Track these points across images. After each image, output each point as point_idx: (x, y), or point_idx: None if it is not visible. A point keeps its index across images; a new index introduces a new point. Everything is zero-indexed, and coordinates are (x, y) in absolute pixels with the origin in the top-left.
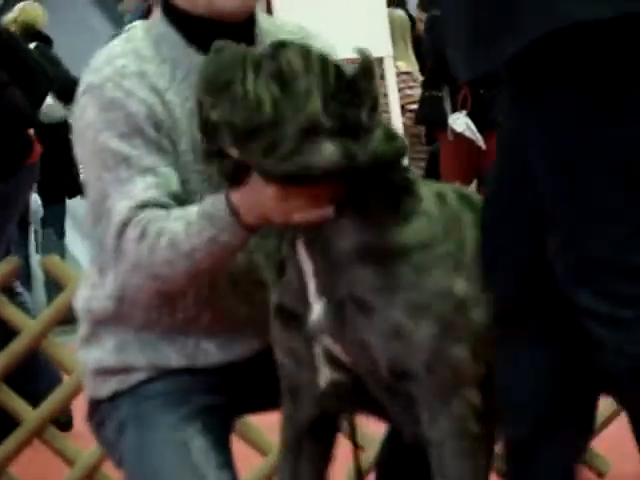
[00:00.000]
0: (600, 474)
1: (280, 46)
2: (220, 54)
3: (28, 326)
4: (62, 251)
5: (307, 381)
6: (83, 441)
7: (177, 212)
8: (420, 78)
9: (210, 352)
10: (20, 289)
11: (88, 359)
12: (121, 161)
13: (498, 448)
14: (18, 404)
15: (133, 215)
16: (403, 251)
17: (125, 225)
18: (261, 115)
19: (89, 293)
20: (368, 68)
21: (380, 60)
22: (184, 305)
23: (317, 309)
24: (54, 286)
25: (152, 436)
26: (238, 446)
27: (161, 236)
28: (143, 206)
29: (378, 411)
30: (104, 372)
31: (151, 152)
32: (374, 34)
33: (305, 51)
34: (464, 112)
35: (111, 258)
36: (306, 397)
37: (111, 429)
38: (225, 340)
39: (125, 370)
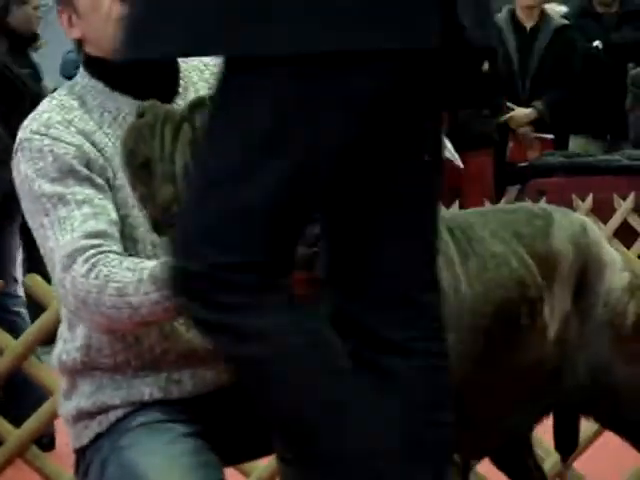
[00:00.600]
0: None
1: (196, 106)
2: (141, 121)
3: (10, 346)
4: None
5: None
6: (65, 460)
7: (129, 263)
8: None
9: (183, 382)
10: (18, 308)
11: (69, 409)
12: (57, 202)
13: None
14: (0, 423)
15: (78, 247)
16: None
17: (71, 258)
18: (175, 200)
19: (61, 348)
20: None
21: None
22: (149, 345)
23: None
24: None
25: (134, 461)
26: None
27: (110, 282)
28: (86, 235)
29: None
30: (84, 417)
31: (84, 187)
32: None
33: None
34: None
35: (59, 293)
36: None
37: (94, 472)
38: (196, 370)
39: (103, 410)
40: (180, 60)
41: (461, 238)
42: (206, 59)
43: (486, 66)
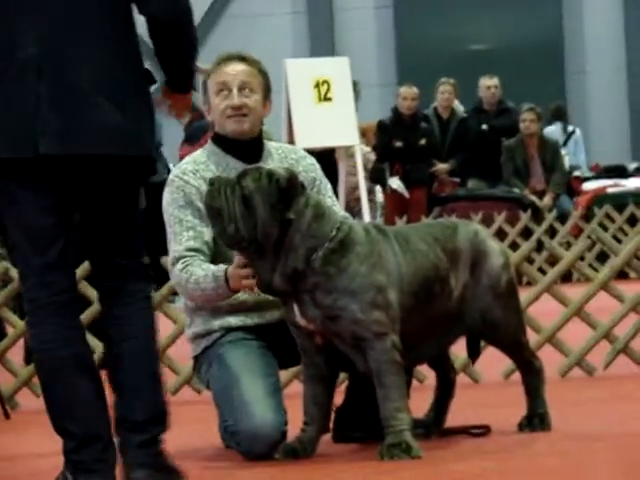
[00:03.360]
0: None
1: (242, 175)
2: (212, 185)
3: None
4: None
5: (308, 346)
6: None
7: (205, 265)
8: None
9: (254, 317)
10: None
11: (189, 333)
12: (177, 222)
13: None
14: None
15: (180, 255)
16: (343, 265)
17: (176, 259)
18: (237, 233)
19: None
20: (293, 180)
21: (351, 146)
22: (234, 298)
23: (301, 320)
24: None
25: (227, 361)
26: None
27: (192, 275)
28: (187, 249)
29: (344, 361)
30: (198, 337)
31: (195, 217)
32: (349, 130)
33: (257, 175)
34: (397, 177)
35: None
36: (309, 353)
37: (204, 368)
38: (262, 312)
39: (208, 333)
40: (268, 142)
41: (401, 241)
42: (293, 153)
43: (424, 141)
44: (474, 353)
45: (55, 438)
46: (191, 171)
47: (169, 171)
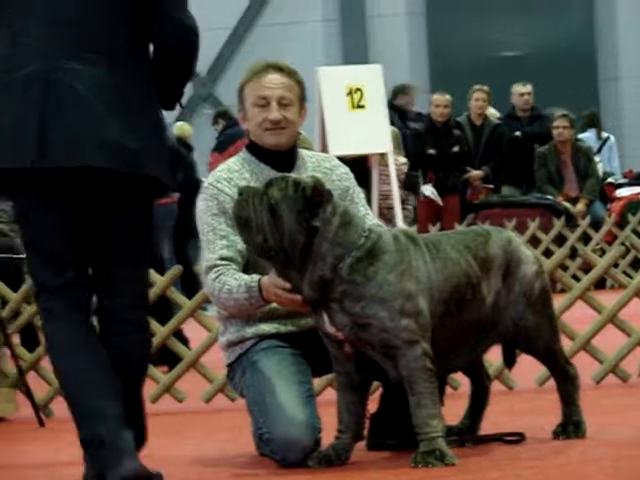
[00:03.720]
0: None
1: (269, 184)
2: (241, 195)
3: (186, 304)
4: None
5: (339, 354)
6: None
7: (238, 275)
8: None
9: (287, 324)
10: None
11: (223, 341)
12: (211, 230)
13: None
14: (178, 346)
15: (213, 264)
16: (371, 273)
17: (209, 268)
18: (265, 243)
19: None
20: (319, 188)
21: (384, 154)
22: (270, 304)
23: (330, 328)
24: None
25: (261, 369)
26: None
27: (225, 285)
28: (220, 258)
29: (375, 369)
30: (232, 345)
31: (228, 225)
32: (382, 138)
33: (284, 184)
34: (430, 184)
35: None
36: (340, 361)
37: (238, 376)
38: (294, 319)
39: (242, 341)
40: (302, 151)
41: (431, 248)
42: (327, 162)
43: (456, 148)
44: (510, 360)
45: None
46: (225, 179)
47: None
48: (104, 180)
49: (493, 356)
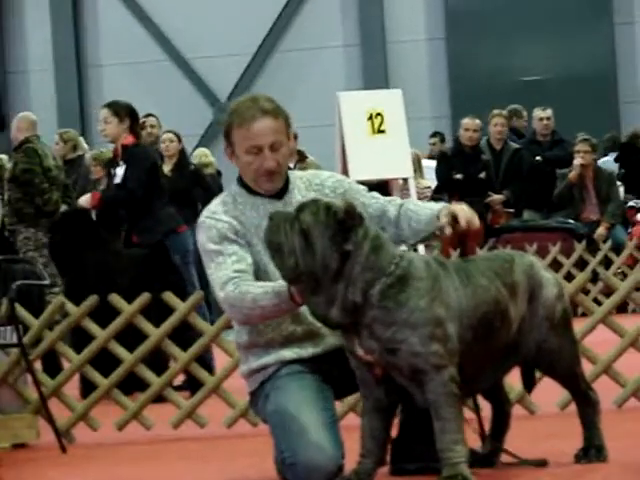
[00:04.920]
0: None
1: (300, 208)
2: (272, 221)
3: (208, 330)
4: None
5: (367, 377)
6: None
7: (260, 283)
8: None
9: (308, 348)
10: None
11: (244, 369)
12: (218, 254)
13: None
14: (202, 373)
15: (228, 278)
16: (402, 299)
17: (225, 283)
18: (297, 267)
19: (235, 335)
20: (351, 211)
21: (406, 179)
22: (285, 328)
23: (360, 350)
24: None
25: (285, 394)
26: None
27: (247, 294)
28: (234, 271)
29: (401, 393)
30: (253, 373)
31: (233, 245)
32: (403, 163)
33: (315, 208)
34: None
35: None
36: (368, 385)
37: (261, 402)
38: (315, 340)
39: (263, 368)
40: (291, 173)
41: (462, 275)
42: (317, 178)
43: (483, 174)
44: (530, 384)
45: (110, 472)
46: (221, 211)
47: None
48: None
49: (514, 380)
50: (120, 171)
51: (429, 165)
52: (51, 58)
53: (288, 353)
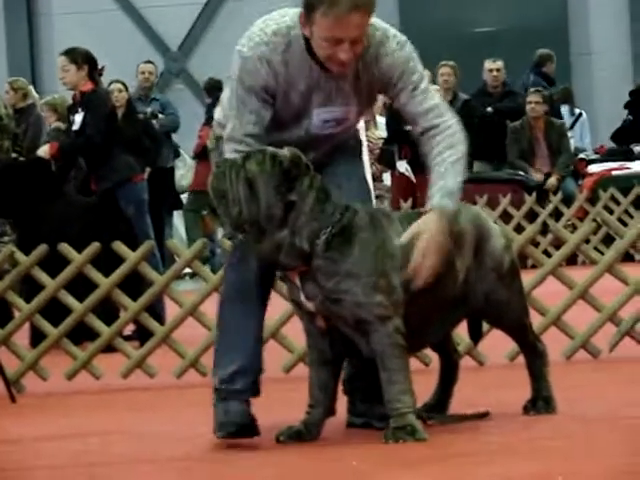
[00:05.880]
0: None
1: (247, 157)
2: (218, 168)
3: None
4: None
5: (312, 328)
6: None
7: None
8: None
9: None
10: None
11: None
12: (241, 102)
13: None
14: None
15: (238, 139)
16: (346, 250)
17: (231, 140)
18: (240, 216)
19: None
20: (297, 161)
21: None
22: None
23: (305, 301)
24: None
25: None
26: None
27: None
28: (245, 134)
29: (347, 346)
30: None
31: (258, 100)
32: None
33: (261, 157)
34: (405, 160)
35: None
36: (313, 336)
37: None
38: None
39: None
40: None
41: (406, 226)
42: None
43: None
44: (476, 335)
45: (60, 422)
46: (267, 60)
47: (177, 156)
48: None
49: (464, 332)
50: (79, 118)
51: (381, 121)
52: (1, 6)
53: None
